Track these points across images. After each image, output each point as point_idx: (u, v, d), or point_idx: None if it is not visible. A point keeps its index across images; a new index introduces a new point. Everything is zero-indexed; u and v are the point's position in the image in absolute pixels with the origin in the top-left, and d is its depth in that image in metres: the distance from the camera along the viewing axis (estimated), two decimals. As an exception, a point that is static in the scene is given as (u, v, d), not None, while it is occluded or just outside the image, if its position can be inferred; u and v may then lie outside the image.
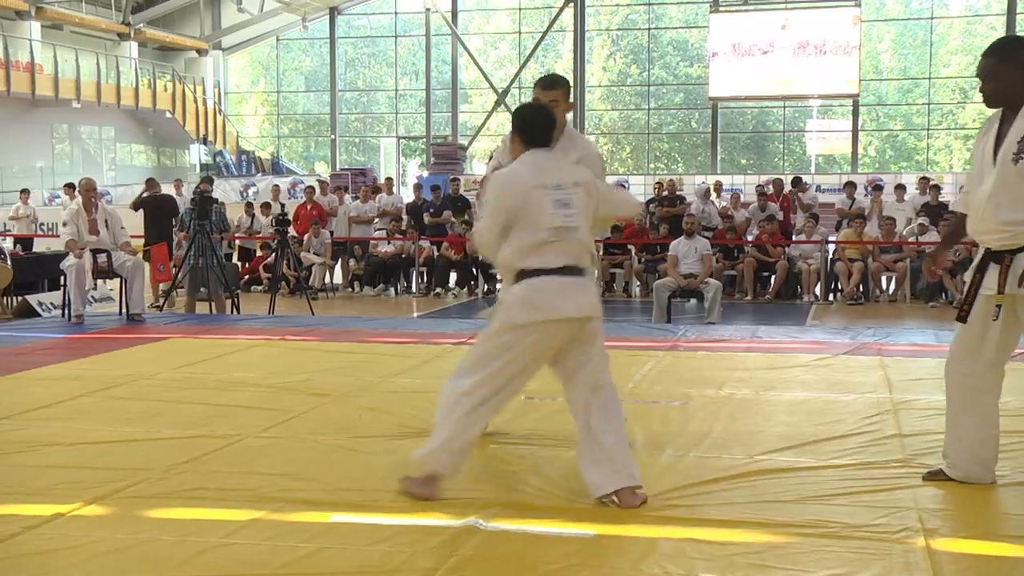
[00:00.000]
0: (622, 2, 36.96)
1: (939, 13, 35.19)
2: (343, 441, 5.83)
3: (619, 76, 37.69)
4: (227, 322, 11.71)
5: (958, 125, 37.12)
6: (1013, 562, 4.06)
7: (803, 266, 16.53)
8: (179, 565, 3.98)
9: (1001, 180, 4.81)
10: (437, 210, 19.17)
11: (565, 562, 4.01)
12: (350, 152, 39.49)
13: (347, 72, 39.24)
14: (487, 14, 38.12)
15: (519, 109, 5.24)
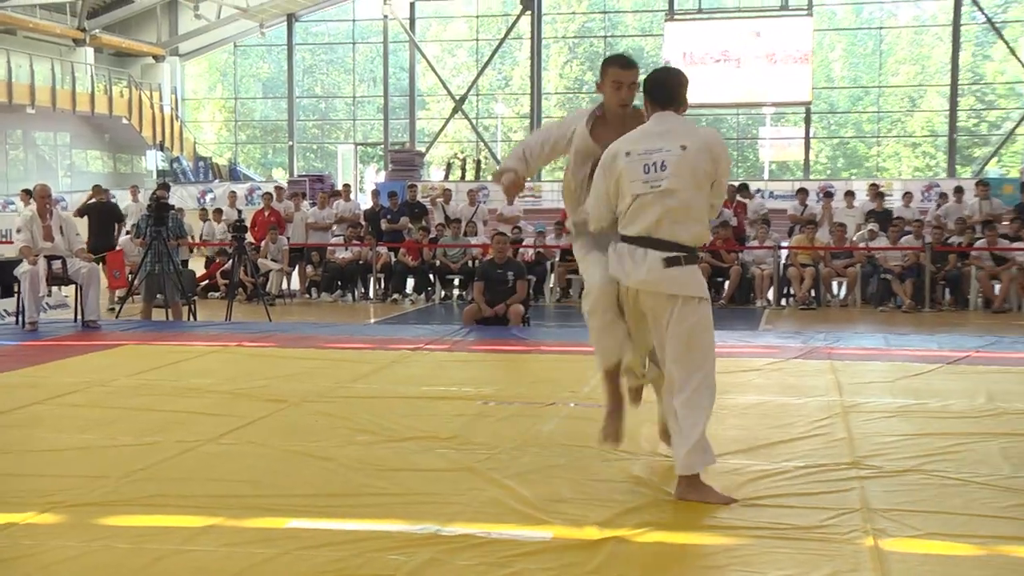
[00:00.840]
0: (578, 10, 37.12)
1: (888, 23, 35.59)
2: (300, 447, 5.80)
3: (575, 83, 37.83)
4: (184, 328, 11.62)
5: (906, 133, 37.56)
6: (957, 560, 4.10)
7: (756, 271, 16.62)
8: (135, 572, 3.96)
9: None
10: (394, 216, 19.13)
11: (521, 565, 4.01)
12: (308, 158, 39.36)
13: (305, 79, 39.13)
14: (444, 21, 38.14)
15: (656, 71, 5.10)
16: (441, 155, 36.64)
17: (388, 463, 5.47)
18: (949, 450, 5.73)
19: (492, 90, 37.65)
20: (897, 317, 15.01)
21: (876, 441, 5.90)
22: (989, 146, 34.98)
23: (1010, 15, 34.17)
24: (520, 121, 36.72)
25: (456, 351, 9.52)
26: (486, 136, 36.78)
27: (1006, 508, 4.74)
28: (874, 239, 16.82)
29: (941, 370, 8.30)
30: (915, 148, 38.13)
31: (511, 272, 12.00)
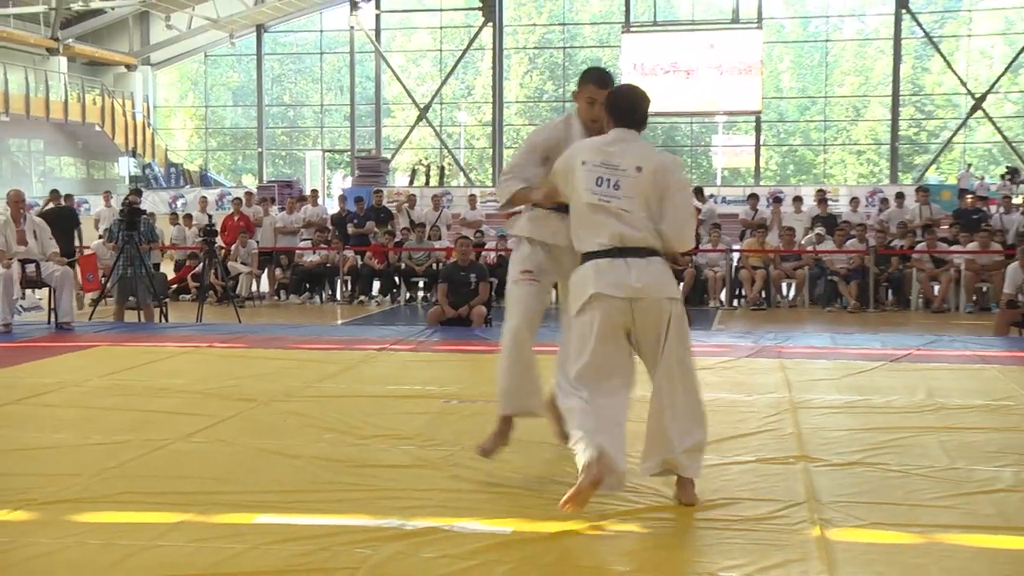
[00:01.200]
0: (539, 22, 37.17)
1: (833, 37, 35.85)
2: (268, 445, 5.77)
3: (535, 92, 37.87)
4: (155, 330, 11.54)
5: (851, 141, 37.83)
6: (899, 548, 4.13)
7: (709, 274, 16.69)
8: (106, 568, 3.92)
9: None
10: (361, 221, 19.09)
11: (484, 558, 4.01)
12: (276, 165, 39.20)
13: (273, 87, 38.97)
14: (409, 32, 38.09)
15: (611, 92, 4.93)
16: (406, 161, 36.58)
17: (354, 460, 5.45)
18: (892, 444, 5.79)
19: (455, 99, 37.63)
20: (843, 317, 15.11)
21: (823, 436, 5.95)
22: (928, 154, 35.30)
23: (946, 30, 34.53)
24: (482, 129, 36.72)
25: (421, 351, 9.50)
26: (449, 143, 36.76)
27: (945, 498, 4.79)
28: (821, 242, 16.94)
29: (884, 367, 8.36)
30: (860, 155, 38.41)
31: (474, 275, 12.01)
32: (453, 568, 3.90)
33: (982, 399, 7.08)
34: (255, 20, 36.09)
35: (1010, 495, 4.91)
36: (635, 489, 4.90)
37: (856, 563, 3.99)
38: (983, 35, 34.92)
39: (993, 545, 4.20)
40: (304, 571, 3.86)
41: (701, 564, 3.99)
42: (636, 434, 4.84)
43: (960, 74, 33.28)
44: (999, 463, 5.42)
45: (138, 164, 34.67)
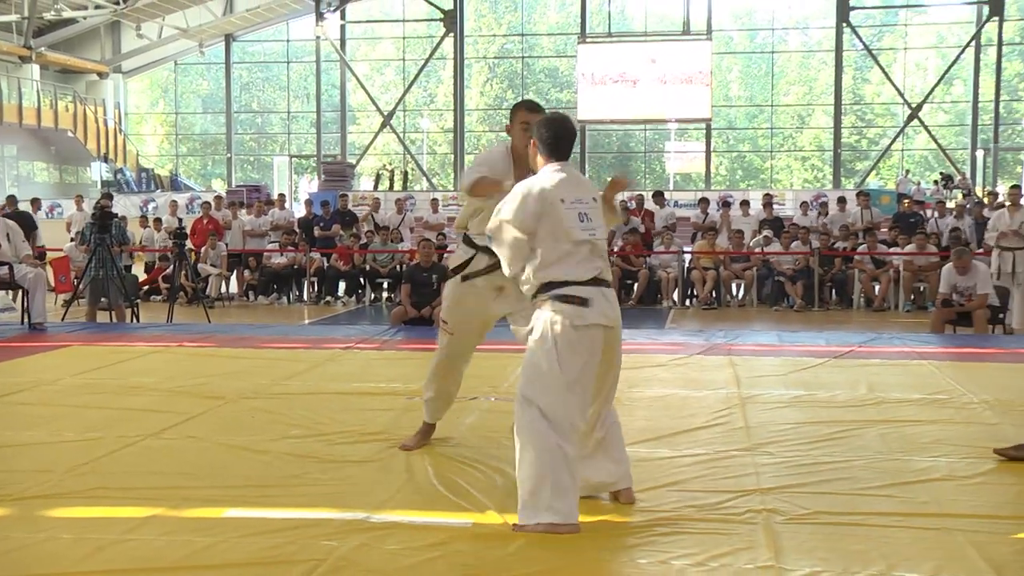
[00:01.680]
0: (498, 32, 37.21)
1: (779, 48, 36.13)
2: (237, 441, 5.73)
3: (495, 100, 37.89)
4: (127, 330, 11.43)
5: (797, 147, 38.12)
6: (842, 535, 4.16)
7: (662, 274, 16.76)
8: (78, 562, 3.88)
9: None
10: (327, 224, 19.02)
11: (445, 549, 4.01)
12: (245, 170, 38.99)
13: (242, 95, 38.78)
14: (373, 42, 37.99)
15: (545, 120, 4.68)
16: (371, 166, 36.47)
17: (320, 455, 5.43)
18: (835, 436, 5.83)
19: (418, 106, 37.59)
20: (789, 316, 15.21)
21: (770, 429, 5.99)
22: (868, 160, 35.63)
23: (884, 43, 34.89)
24: (444, 135, 36.70)
25: (385, 350, 9.48)
26: (412, 149, 36.70)
27: (883, 487, 4.84)
28: (768, 244, 17.05)
29: (828, 364, 8.43)
30: (804, 161, 38.71)
31: (436, 276, 11.99)
32: (415, 559, 3.89)
33: (919, 393, 7.15)
34: (224, 30, 35.93)
35: (944, 483, 4.96)
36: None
37: (801, 550, 4.02)
38: (918, 48, 35.30)
39: (928, 530, 4.24)
40: (272, 563, 3.84)
41: (654, 553, 4.00)
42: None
43: (897, 85, 33.61)
44: (934, 453, 5.48)
45: (110, 169, 34.38)
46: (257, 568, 3.79)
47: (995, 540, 4.14)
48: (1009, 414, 6.46)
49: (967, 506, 4.60)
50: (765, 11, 35.68)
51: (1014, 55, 34.28)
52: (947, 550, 4.03)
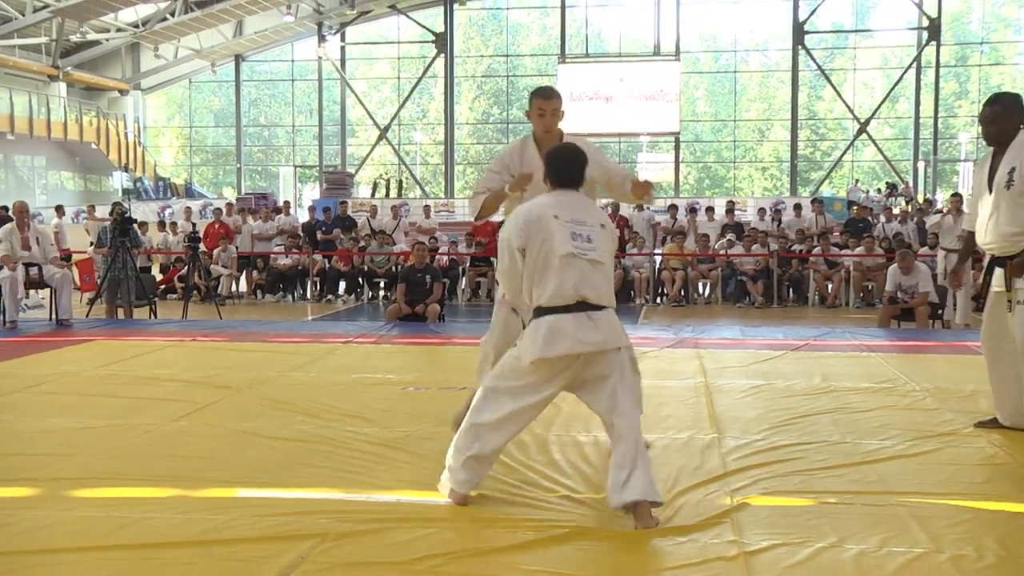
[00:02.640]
0: (485, 53, 37.18)
1: (741, 68, 36.18)
2: (247, 427, 5.73)
3: (483, 115, 37.87)
4: (145, 325, 11.40)
5: (757, 159, 38.19)
6: (798, 512, 4.18)
7: (636, 274, 16.79)
8: (103, 537, 3.88)
9: (997, 203, 5.24)
10: (328, 228, 19.02)
11: (438, 526, 4.02)
12: (253, 179, 38.87)
13: (250, 110, 38.66)
14: (371, 62, 37.91)
15: (553, 150, 4.47)
16: (368, 176, 36.38)
17: (323, 440, 5.42)
18: (792, 421, 5.85)
19: (412, 120, 37.52)
20: (751, 312, 15.25)
21: (734, 416, 6.00)
22: (822, 170, 35.72)
23: (836, 64, 35.01)
24: (436, 147, 36.63)
25: (382, 344, 9.47)
26: (407, 160, 36.65)
27: (835, 467, 4.86)
28: (732, 247, 17.10)
29: (786, 356, 8.45)
30: (764, 171, 38.79)
31: (428, 276, 11.99)
32: (411, 537, 3.89)
33: (867, 382, 7.18)
34: (234, 51, 35.84)
35: (890, 463, 4.98)
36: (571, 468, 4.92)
37: (761, 525, 4.03)
38: (866, 69, 35.40)
39: (876, 506, 4.27)
40: (279, 539, 3.84)
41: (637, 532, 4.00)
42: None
43: (848, 102, 33.73)
44: (881, 436, 5.50)
45: (130, 178, 34.26)
46: (266, 543, 3.79)
47: (934, 514, 4.17)
48: (948, 401, 6.50)
49: (910, 484, 4.63)
50: (728, 34, 35.75)
51: (950, 76, 34.47)
52: (892, 524, 4.05)
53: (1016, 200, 5.18)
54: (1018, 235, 5.23)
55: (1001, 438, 5.47)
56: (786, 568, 3.60)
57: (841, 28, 34.86)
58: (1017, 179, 5.15)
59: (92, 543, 3.82)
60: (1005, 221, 5.23)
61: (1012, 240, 5.25)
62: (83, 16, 28.63)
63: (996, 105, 5.32)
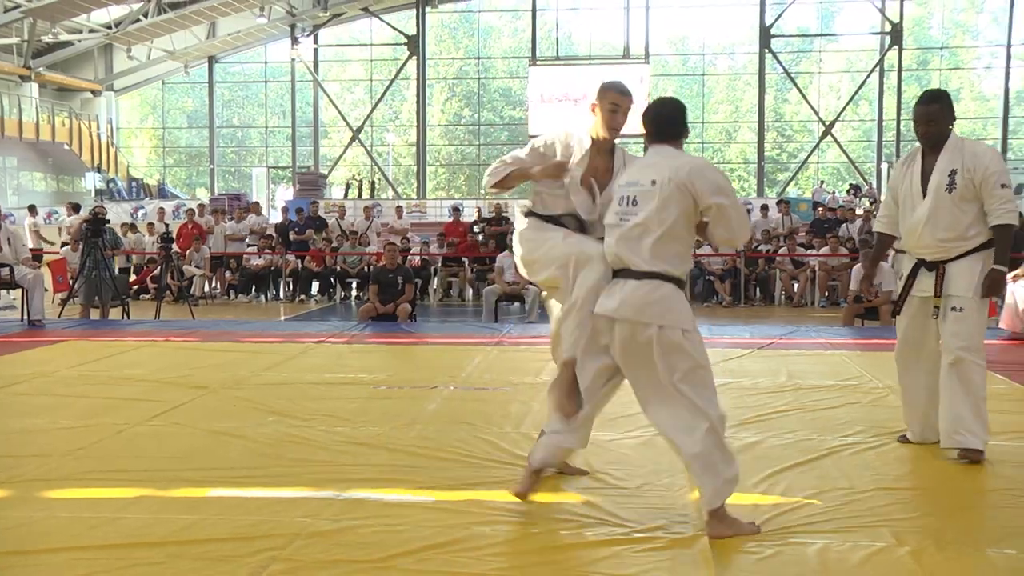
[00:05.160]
0: (456, 56, 37.13)
1: (709, 71, 36.36)
2: (219, 427, 5.70)
3: (455, 117, 37.83)
4: (118, 326, 11.32)
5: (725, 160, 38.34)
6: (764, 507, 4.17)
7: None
8: (74, 538, 3.84)
9: (935, 207, 4.98)
10: (301, 229, 18.93)
11: (408, 523, 4.00)
12: (226, 180, 38.64)
13: (224, 111, 38.42)
14: (343, 64, 37.78)
15: (649, 105, 4.31)
16: (341, 177, 36.24)
17: (295, 439, 5.40)
18: (759, 419, 5.89)
19: (384, 122, 37.42)
20: (718, 311, 15.32)
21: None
22: (788, 172, 35.93)
23: (801, 67, 35.21)
24: (408, 148, 36.55)
25: (354, 343, 9.45)
26: (379, 161, 36.54)
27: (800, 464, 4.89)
28: (700, 247, 17.13)
29: (753, 354, 8.50)
30: (732, 172, 38.92)
31: (400, 276, 11.97)
32: (381, 534, 3.88)
33: (833, 380, 7.24)
34: (207, 52, 35.62)
35: (853, 459, 5.03)
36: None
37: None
38: (831, 72, 35.65)
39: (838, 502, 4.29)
40: (251, 538, 3.81)
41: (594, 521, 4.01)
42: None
43: (813, 104, 33.91)
44: (845, 433, 5.55)
45: (103, 179, 33.99)
46: (237, 543, 3.76)
47: (895, 509, 4.21)
48: (911, 398, 6.56)
49: (871, 480, 4.67)
50: (696, 38, 35.91)
51: (912, 79, 34.74)
52: (855, 518, 4.08)
53: (957, 204, 4.95)
54: (951, 241, 5.00)
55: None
56: (753, 563, 3.62)
57: (806, 32, 35.06)
58: (959, 183, 4.94)
59: (64, 544, 3.78)
60: (944, 226, 4.99)
61: (945, 246, 5.02)
62: (55, 17, 28.34)
63: (935, 104, 5.09)
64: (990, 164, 4.93)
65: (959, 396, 4.95)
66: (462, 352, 8.78)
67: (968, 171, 4.92)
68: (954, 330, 4.99)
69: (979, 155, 4.96)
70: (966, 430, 4.93)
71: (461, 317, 14.88)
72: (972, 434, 4.93)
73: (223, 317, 14.05)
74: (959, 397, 4.95)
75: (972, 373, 4.95)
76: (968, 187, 4.93)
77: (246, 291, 17.50)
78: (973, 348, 4.97)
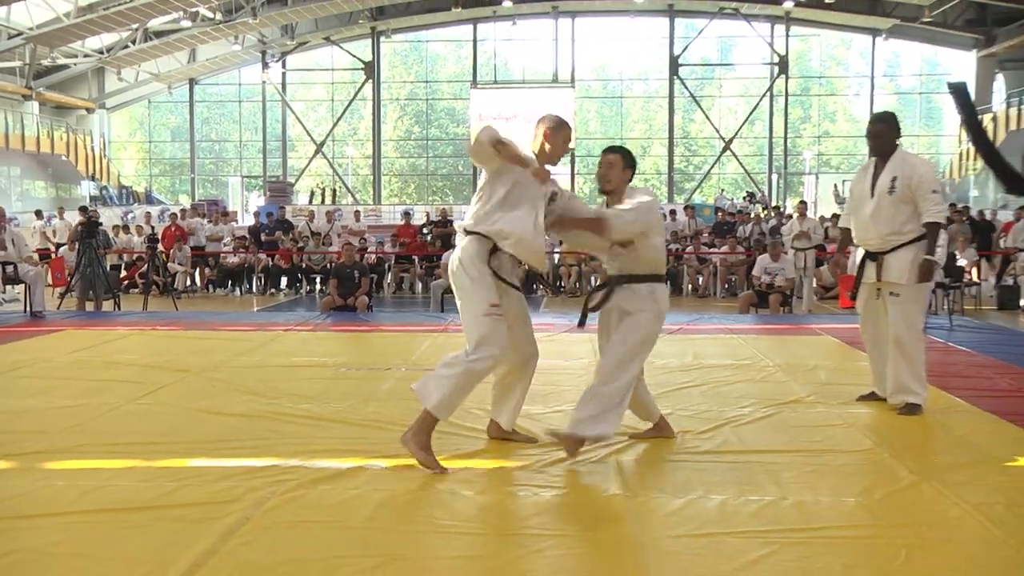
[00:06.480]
0: (408, 79, 36.92)
1: (626, 94, 36.56)
2: (199, 405, 5.62)
3: (406, 133, 37.60)
4: (110, 316, 11.11)
5: (640, 171, 38.35)
6: (672, 467, 4.24)
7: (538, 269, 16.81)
8: (69, 503, 3.77)
9: (878, 206, 5.35)
10: (271, 231, 18.73)
11: (364, 488, 3.99)
12: (206, 187, 38.02)
13: (203, 127, 37.81)
14: (308, 86, 37.35)
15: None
16: (307, 185, 35.84)
17: (266, 415, 5.36)
18: (669, 393, 5.94)
19: (344, 137, 37.05)
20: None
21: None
22: (694, 181, 36.26)
23: (705, 92, 35.44)
24: (365, 160, 36.24)
25: (317, 331, 9.38)
26: (340, 171, 36.22)
27: (703, 431, 4.93)
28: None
29: (663, 338, 8.45)
30: (647, 182, 39.07)
31: (357, 272, 11.88)
32: (340, 497, 3.87)
33: (731, 360, 7.34)
34: (188, 75, 35.12)
35: (747, 426, 5.11)
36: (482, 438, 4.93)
37: (642, 481, 4.11)
38: (729, 96, 35.98)
39: (736, 463, 4.36)
40: (226, 502, 3.77)
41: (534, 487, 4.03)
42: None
43: (715, 124, 34.31)
44: (741, 404, 5.64)
45: (96, 186, 33.33)
46: (214, 506, 3.72)
47: (781, 468, 4.29)
48: (794, 374, 6.68)
49: (763, 443, 4.75)
50: (615, 65, 36.08)
51: (796, 103, 35.30)
52: (748, 476, 4.15)
53: (896, 204, 5.31)
54: (891, 235, 5.35)
55: (840, 406, 5.64)
56: (664, 515, 3.66)
57: (709, 62, 35.40)
58: (899, 186, 5.28)
59: (59, 509, 3.72)
60: (884, 222, 5.35)
61: (887, 239, 5.37)
62: (53, 43, 27.74)
63: (881, 123, 5.45)
64: (924, 173, 5.31)
65: (900, 364, 5.39)
66: (412, 338, 8.74)
67: (906, 178, 5.30)
68: (894, 312, 5.40)
69: (916, 166, 5.35)
70: (907, 391, 5.40)
71: (412, 308, 14.83)
72: (913, 394, 5.39)
73: (203, 308, 13.85)
74: (901, 365, 5.39)
75: (910, 347, 5.37)
76: (905, 191, 5.30)
77: (223, 285, 17.27)
78: (910, 326, 5.37)
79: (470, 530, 3.52)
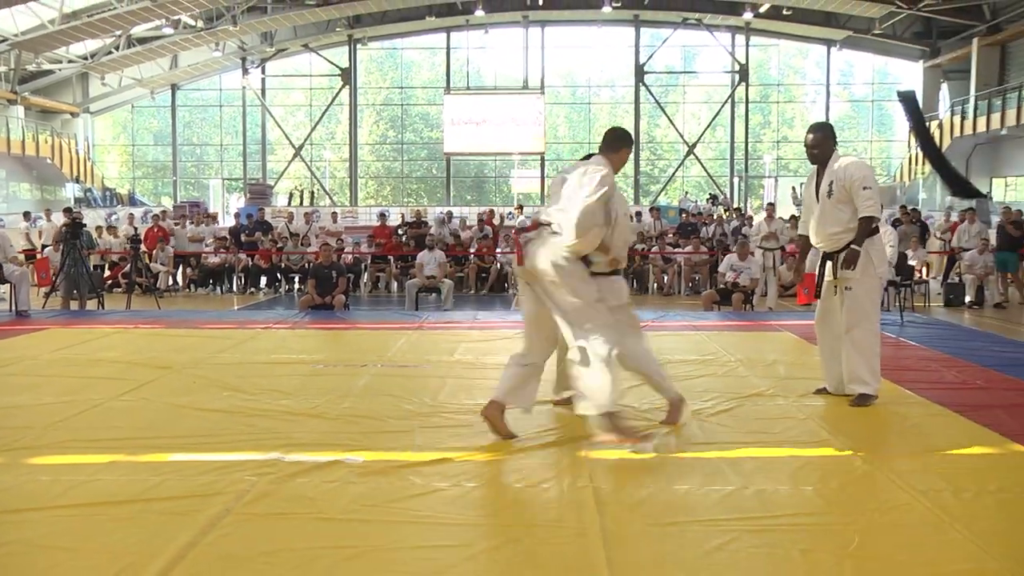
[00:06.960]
0: (383, 85, 36.80)
1: (594, 101, 36.65)
2: (181, 401, 5.57)
3: (382, 137, 37.47)
4: (93, 315, 10.97)
5: (607, 174, 38.60)
6: (639, 460, 4.26)
7: (509, 269, 16.84)
8: (54, 498, 3.73)
9: (823, 209, 5.53)
10: (251, 231, 18.60)
11: (342, 481, 3.97)
12: (187, 189, 37.70)
13: (185, 131, 37.48)
14: (287, 91, 37.15)
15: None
16: (285, 187, 35.64)
17: (246, 411, 5.31)
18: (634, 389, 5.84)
19: (322, 141, 36.86)
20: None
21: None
22: (659, 184, 36.44)
23: (670, 98, 35.62)
24: (342, 163, 36.07)
25: (296, 329, 9.32)
26: (318, 174, 36.06)
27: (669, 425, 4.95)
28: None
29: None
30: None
31: (335, 271, 11.82)
32: (318, 490, 3.85)
33: (695, 355, 7.37)
34: (170, 80, 34.81)
35: (711, 419, 5.13)
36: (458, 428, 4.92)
37: (607, 474, 4.11)
38: (693, 102, 36.17)
39: (699, 456, 4.39)
40: (207, 495, 3.75)
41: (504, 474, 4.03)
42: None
43: (679, 129, 34.50)
44: (705, 398, 5.66)
45: (81, 189, 32.95)
46: (196, 499, 3.69)
47: (742, 459, 4.32)
48: (754, 369, 6.73)
49: (725, 435, 4.77)
50: (583, 72, 36.15)
51: (756, 110, 35.54)
52: (711, 467, 4.18)
53: (836, 206, 5.46)
54: (839, 234, 5.48)
55: (798, 398, 5.69)
56: (630, 505, 3.68)
57: (673, 70, 35.58)
58: (835, 189, 5.44)
59: (44, 503, 3.67)
60: (829, 223, 5.51)
61: (835, 238, 5.51)
62: (38, 49, 27.37)
63: (817, 133, 5.59)
64: (855, 173, 5.44)
65: (854, 356, 5.48)
66: (388, 336, 8.71)
67: (840, 180, 5.44)
68: (847, 306, 5.52)
69: (848, 167, 5.48)
70: (859, 381, 5.48)
71: (387, 306, 14.78)
72: (864, 384, 5.47)
73: (184, 307, 13.73)
74: (854, 357, 5.48)
75: (863, 338, 5.47)
76: (842, 192, 5.44)
77: (204, 285, 17.12)
78: (863, 318, 5.48)
79: (445, 521, 3.51)
